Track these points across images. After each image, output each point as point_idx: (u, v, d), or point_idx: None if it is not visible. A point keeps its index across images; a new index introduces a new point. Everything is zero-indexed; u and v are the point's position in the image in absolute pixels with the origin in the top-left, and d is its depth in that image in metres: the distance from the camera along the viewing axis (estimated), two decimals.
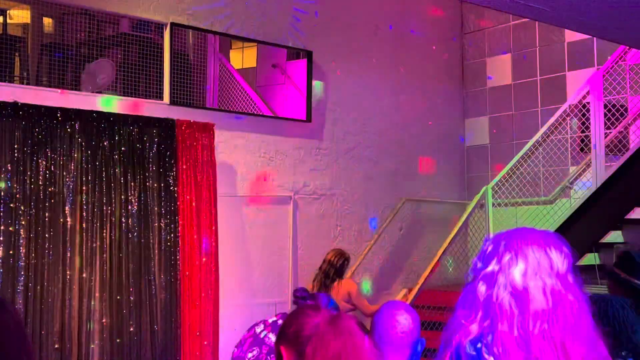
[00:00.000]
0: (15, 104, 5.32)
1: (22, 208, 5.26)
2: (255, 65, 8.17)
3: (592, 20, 4.66)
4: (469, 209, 6.86)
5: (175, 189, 5.99)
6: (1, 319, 2.43)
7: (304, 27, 7.47)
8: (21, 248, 5.23)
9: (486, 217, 6.89)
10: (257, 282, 6.89)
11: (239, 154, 6.89)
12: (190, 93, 6.71)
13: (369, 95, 8.06)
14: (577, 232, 6.68)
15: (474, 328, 1.90)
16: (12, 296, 5.06)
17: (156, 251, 5.85)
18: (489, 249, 1.96)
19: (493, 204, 6.88)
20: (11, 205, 5.22)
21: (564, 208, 7.02)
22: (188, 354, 5.91)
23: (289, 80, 7.79)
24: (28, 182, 5.31)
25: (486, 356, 1.84)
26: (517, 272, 1.88)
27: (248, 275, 6.85)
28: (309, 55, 7.40)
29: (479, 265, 1.96)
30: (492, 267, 1.92)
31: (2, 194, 5.20)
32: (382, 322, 2.76)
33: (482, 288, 1.92)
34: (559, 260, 1.90)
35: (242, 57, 8.32)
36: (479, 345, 1.86)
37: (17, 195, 5.25)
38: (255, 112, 7.32)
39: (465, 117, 9.04)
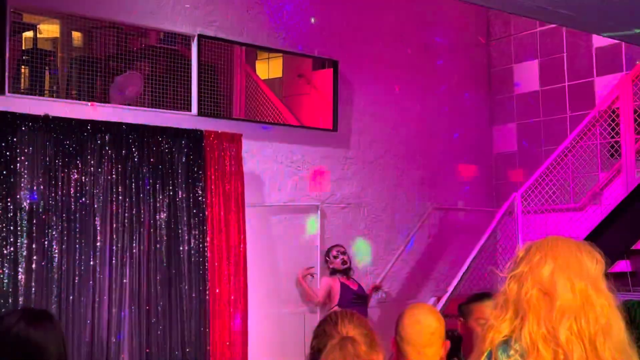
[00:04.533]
0: (46, 117, 5.43)
1: (53, 219, 5.36)
2: (281, 75, 8.23)
3: (620, 26, 4.65)
4: (498, 217, 6.84)
5: (204, 199, 6.06)
6: (48, 333, 2.51)
7: (329, 36, 7.52)
8: (54, 259, 5.32)
9: (516, 224, 6.86)
10: (285, 292, 6.93)
11: (266, 164, 6.94)
12: (217, 104, 6.78)
13: (395, 103, 8.08)
14: (608, 239, 6.63)
15: (505, 327, 1.94)
16: (47, 307, 5.15)
17: (185, 261, 5.91)
18: (521, 252, 2.00)
19: (522, 211, 6.86)
20: (43, 216, 5.32)
21: (594, 215, 6.97)
22: None
23: (314, 90, 7.84)
24: (59, 193, 5.41)
25: None
26: (545, 271, 1.93)
27: (276, 285, 6.88)
28: (334, 64, 7.45)
29: (511, 268, 2.01)
30: (522, 268, 1.98)
31: (35, 206, 5.30)
32: (405, 322, 2.77)
33: (512, 288, 1.97)
34: (590, 264, 1.93)
35: (268, 68, 8.39)
36: (511, 352, 1.88)
37: (49, 207, 5.35)
38: (281, 122, 7.38)
39: (493, 124, 9.02)
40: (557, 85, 8.38)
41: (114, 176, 5.65)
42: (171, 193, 5.90)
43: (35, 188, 5.31)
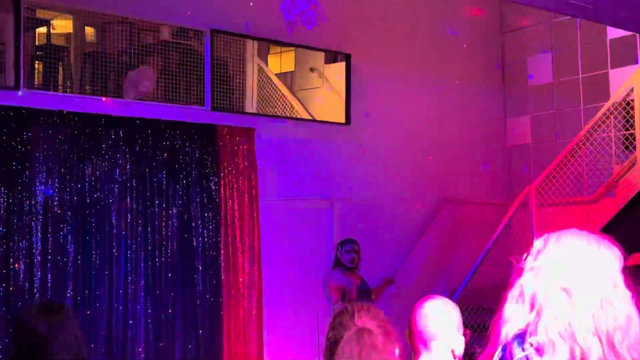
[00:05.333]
0: (60, 112, 5.46)
1: (69, 214, 5.41)
2: (293, 69, 8.25)
3: (634, 17, 4.63)
4: (512, 210, 6.83)
5: (218, 194, 6.08)
6: (55, 323, 2.54)
7: (342, 29, 7.51)
8: (69, 254, 5.37)
9: (529, 217, 6.84)
10: (299, 287, 6.94)
11: (279, 158, 6.95)
12: (230, 98, 6.81)
13: (408, 96, 8.06)
14: (624, 231, 6.60)
15: (521, 321, 1.92)
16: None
17: (199, 256, 5.95)
18: (539, 245, 1.99)
19: (536, 205, 6.84)
20: (58, 211, 5.37)
21: (609, 207, 6.94)
22: (232, 358, 6.00)
23: (327, 84, 7.85)
24: (75, 189, 5.45)
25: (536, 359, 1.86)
26: (564, 267, 1.90)
27: (291, 280, 6.90)
28: (347, 58, 7.45)
29: (528, 260, 1.99)
30: (541, 261, 1.94)
31: (50, 201, 5.34)
32: (417, 315, 2.76)
33: (529, 281, 1.94)
34: (608, 259, 1.91)
35: (280, 62, 8.41)
36: (526, 345, 1.88)
37: (64, 203, 5.40)
38: (294, 116, 7.39)
39: (507, 116, 8.99)
40: (571, 77, 8.34)
41: (128, 171, 5.69)
42: (185, 188, 5.94)
43: (50, 183, 5.36)
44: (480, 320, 6.30)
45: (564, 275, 1.88)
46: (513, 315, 1.94)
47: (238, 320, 6.06)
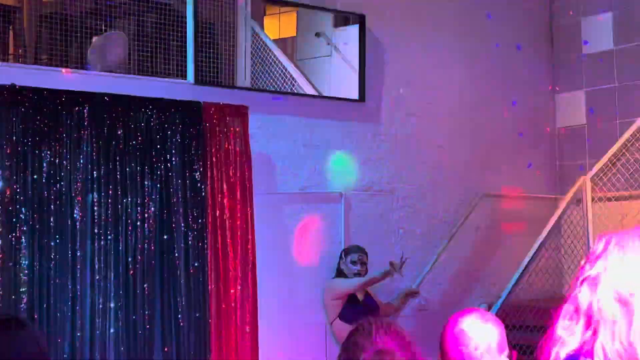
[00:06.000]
0: (12, 87, 5.48)
1: (23, 211, 5.44)
2: (295, 34, 8.25)
3: None
4: (563, 206, 6.84)
5: (203, 186, 6.11)
6: (23, 342, 2.58)
7: None
8: (23, 259, 5.40)
9: (584, 214, 6.85)
10: (302, 298, 6.97)
11: (277, 142, 6.98)
12: (218, 70, 6.82)
13: (435, 67, 8.07)
14: None
15: (573, 340, 1.95)
16: None
17: (181, 262, 5.97)
18: (598, 248, 2.01)
19: (593, 199, 6.84)
20: (10, 207, 5.40)
21: None
22: None
23: (336, 52, 7.85)
24: (30, 180, 5.48)
25: None
26: (624, 272, 1.92)
27: (292, 290, 6.93)
28: (361, 20, 7.46)
29: (586, 267, 2.01)
30: (597, 269, 1.97)
31: (0, 195, 5.37)
32: (450, 336, 2.77)
33: (584, 293, 1.97)
34: None
35: (279, 25, 8.42)
36: None
37: (18, 197, 5.42)
38: (296, 92, 7.40)
39: (556, 92, 8.99)
40: (636, 43, 8.34)
41: (94, 158, 5.71)
42: (163, 178, 5.95)
43: (0, 173, 5.39)
44: (525, 340, 6.34)
45: (626, 285, 1.90)
46: (565, 334, 1.97)
47: (229, 339, 6.07)
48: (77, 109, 5.69)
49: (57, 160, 5.58)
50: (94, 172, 5.71)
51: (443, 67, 8.12)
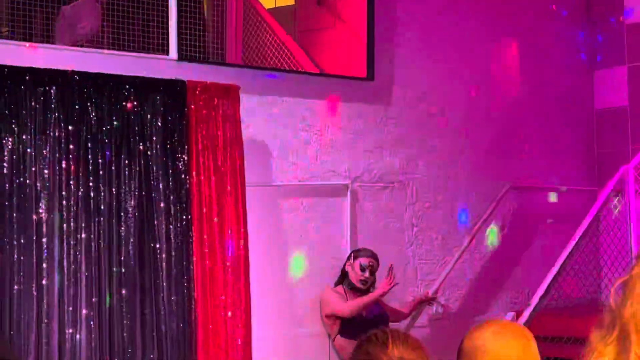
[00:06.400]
0: None
1: None
2: (293, 2, 8.22)
3: None
4: (602, 199, 6.82)
5: (188, 177, 6.09)
6: None
7: None
8: None
9: (627, 209, 6.85)
10: (302, 305, 6.97)
11: (273, 126, 6.96)
12: (204, 44, 6.80)
13: (454, 40, 8.05)
14: None
15: (609, 351, 1.95)
16: None
17: (163, 263, 5.96)
18: None
19: (636, 191, 6.83)
20: None
21: None
22: None
23: (341, 23, 7.82)
24: None
25: None
26: None
27: (290, 295, 6.93)
28: None
29: (629, 270, 2.01)
30: (635, 270, 1.98)
31: None
32: (470, 349, 2.75)
33: (618, 299, 1.98)
34: None
35: None
36: None
37: None
38: (294, 69, 7.38)
39: (594, 67, 8.97)
40: None
41: (63, 145, 5.68)
42: (142, 168, 5.94)
43: None
44: (559, 353, 6.32)
45: None
46: (600, 345, 1.97)
47: (219, 352, 6.07)
48: (42, 89, 5.67)
49: (20, 148, 5.56)
50: (63, 162, 5.69)
51: (462, 40, 8.10)
